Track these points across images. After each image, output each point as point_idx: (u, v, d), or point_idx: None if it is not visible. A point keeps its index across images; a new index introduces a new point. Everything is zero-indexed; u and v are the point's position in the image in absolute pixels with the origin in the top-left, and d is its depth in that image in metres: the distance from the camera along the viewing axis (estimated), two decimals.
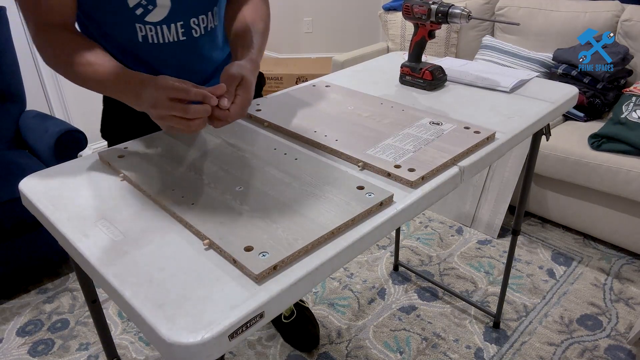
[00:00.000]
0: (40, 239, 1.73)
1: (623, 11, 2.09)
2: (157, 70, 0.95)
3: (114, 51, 0.93)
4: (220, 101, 0.71)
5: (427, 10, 1.02)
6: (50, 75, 2.48)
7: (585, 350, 1.47)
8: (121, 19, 0.87)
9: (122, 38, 0.90)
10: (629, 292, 1.70)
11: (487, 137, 0.84)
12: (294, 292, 0.55)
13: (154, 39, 0.90)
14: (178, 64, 0.96)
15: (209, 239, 0.60)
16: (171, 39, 0.92)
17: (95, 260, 0.59)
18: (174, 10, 0.89)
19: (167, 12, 0.88)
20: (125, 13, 0.86)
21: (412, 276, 1.81)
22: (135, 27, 0.88)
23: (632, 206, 1.77)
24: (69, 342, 1.57)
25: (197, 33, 0.94)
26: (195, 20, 0.92)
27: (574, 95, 1.09)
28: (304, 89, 1.10)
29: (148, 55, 0.93)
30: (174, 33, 0.91)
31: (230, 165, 0.77)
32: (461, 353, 1.48)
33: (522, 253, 1.92)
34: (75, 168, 0.81)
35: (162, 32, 0.90)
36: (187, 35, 0.93)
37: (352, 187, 0.70)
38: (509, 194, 1.96)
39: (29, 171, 0.79)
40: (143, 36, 0.89)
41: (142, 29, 0.88)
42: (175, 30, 0.91)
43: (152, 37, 0.90)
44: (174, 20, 0.90)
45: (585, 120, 2.07)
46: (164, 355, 0.49)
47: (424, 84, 1.10)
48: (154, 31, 0.89)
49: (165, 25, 0.89)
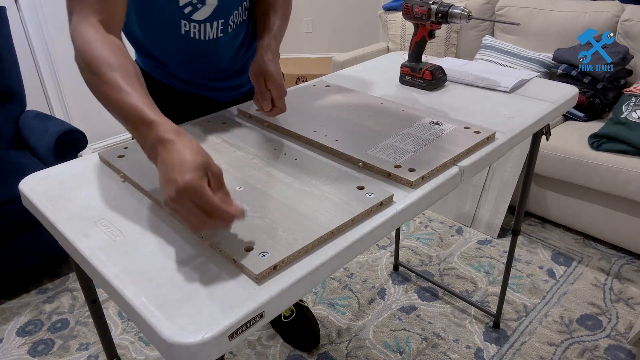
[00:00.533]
0: (40, 239, 1.73)
1: (623, 11, 2.09)
2: (190, 62, 1.01)
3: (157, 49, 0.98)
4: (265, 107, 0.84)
5: (427, 10, 1.02)
6: (50, 75, 2.48)
7: (585, 350, 1.47)
8: (168, 15, 0.90)
9: (164, 34, 0.93)
10: (629, 292, 1.70)
11: (487, 137, 0.84)
12: (294, 292, 0.55)
13: (196, 35, 0.94)
14: (211, 57, 1.01)
15: (209, 239, 0.60)
16: (211, 35, 0.96)
17: (95, 260, 0.59)
18: (218, 9, 0.93)
19: (212, 10, 0.92)
20: (173, 10, 0.89)
21: (412, 276, 1.81)
22: (181, 23, 0.91)
23: (632, 206, 1.77)
24: (69, 342, 1.57)
25: (231, 29, 0.99)
26: (232, 17, 0.97)
27: (574, 95, 1.09)
28: (304, 89, 1.10)
29: (189, 50, 0.98)
30: (215, 30, 0.96)
31: (230, 165, 0.77)
32: (461, 353, 1.48)
33: (522, 253, 1.92)
34: (75, 168, 0.81)
35: (205, 30, 0.94)
36: (224, 32, 0.98)
37: (352, 187, 0.70)
38: (509, 194, 1.96)
39: (29, 171, 0.79)
40: (186, 31, 0.93)
41: (187, 25, 0.92)
42: (217, 27, 0.95)
43: (195, 34, 0.94)
44: (217, 18, 0.94)
45: (585, 120, 2.07)
46: (164, 355, 0.49)
47: (424, 84, 1.10)
48: (197, 28, 0.93)
49: (209, 23, 0.93)
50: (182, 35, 0.93)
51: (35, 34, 2.35)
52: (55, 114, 2.53)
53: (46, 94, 2.49)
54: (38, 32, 2.36)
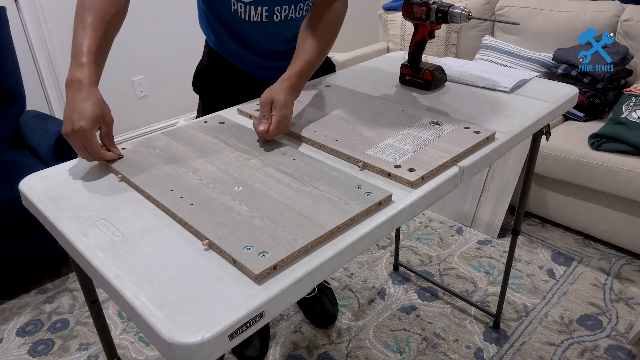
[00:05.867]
0: (40, 239, 1.73)
1: (623, 11, 2.09)
2: (243, 40, 1.14)
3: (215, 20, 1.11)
4: (260, 127, 0.83)
5: (427, 10, 1.02)
6: (50, 75, 2.48)
7: (585, 350, 1.47)
8: None
9: (220, 8, 1.07)
10: (629, 292, 1.70)
11: (487, 137, 0.84)
12: (294, 291, 0.55)
13: (242, 15, 1.05)
14: (260, 39, 1.13)
15: (209, 239, 0.60)
16: (256, 18, 1.06)
17: (95, 260, 0.59)
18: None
19: None
20: None
21: (412, 276, 1.81)
22: (231, 2, 1.03)
23: (632, 206, 1.77)
24: (69, 342, 1.57)
25: (277, 18, 1.07)
26: (279, 8, 1.05)
27: (574, 95, 1.09)
28: (304, 89, 1.10)
29: (237, 26, 1.10)
30: (259, 14, 1.05)
31: (229, 166, 0.77)
32: (461, 353, 1.48)
33: (522, 253, 1.92)
34: (75, 168, 0.81)
35: (249, 12, 1.04)
36: (269, 19, 1.07)
37: (351, 186, 0.70)
38: (509, 194, 1.96)
39: (29, 171, 0.79)
40: (235, 10, 1.04)
41: (235, 4, 1.03)
42: (261, 12, 1.05)
43: (242, 14, 1.05)
44: (262, 4, 1.03)
45: (585, 120, 2.07)
46: (164, 355, 0.49)
47: (424, 84, 1.10)
48: (243, 8, 1.04)
49: (254, 6, 1.03)
50: (232, 13, 1.05)
51: (35, 34, 2.35)
52: (55, 114, 2.52)
53: (46, 94, 2.49)
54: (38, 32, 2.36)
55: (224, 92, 1.22)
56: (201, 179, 0.73)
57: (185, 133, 0.90)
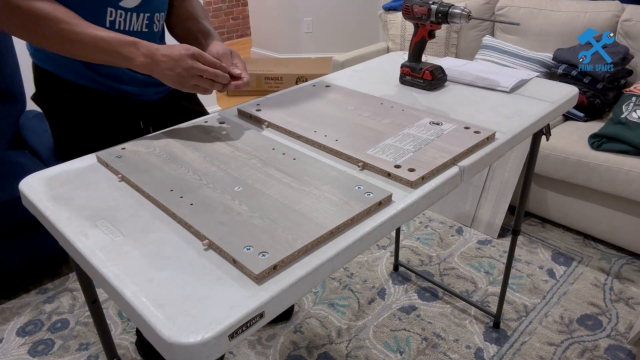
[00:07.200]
0: (40, 239, 1.73)
1: (623, 11, 2.09)
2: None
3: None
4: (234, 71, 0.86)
5: (427, 10, 1.02)
6: None
7: (585, 350, 1.47)
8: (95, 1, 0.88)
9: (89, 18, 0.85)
10: (629, 292, 1.70)
11: (487, 137, 0.84)
12: (294, 291, 0.55)
13: (121, 25, 0.93)
14: None
15: (209, 239, 0.60)
16: (137, 28, 0.96)
17: (95, 260, 0.59)
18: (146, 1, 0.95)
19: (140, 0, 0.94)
20: None
21: (412, 276, 1.81)
22: (107, 11, 0.90)
23: (632, 206, 1.77)
24: (69, 342, 1.57)
25: (156, 28, 1.01)
26: (158, 15, 1.00)
27: (574, 95, 1.09)
28: (304, 89, 1.10)
29: None
30: (140, 23, 0.96)
31: (229, 166, 0.77)
32: (461, 353, 1.48)
33: (522, 253, 1.92)
34: (75, 168, 0.81)
35: (131, 20, 0.94)
36: (149, 28, 0.99)
37: (351, 186, 0.70)
38: (509, 194, 1.96)
39: (29, 171, 0.79)
40: (111, 21, 0.91)
41: (113, 13, 0.91)
42: (142, 20, 0.97)
43: (120, 23, 0.93)
44: (144, 11, 0.95)
45: (585, 120, 2.07)
46: (164, 355, 0.49)
47: (424, 84, 1.10)
48: (123, 17, 0.92)
49: (136, 13, 0.94)
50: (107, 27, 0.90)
51: None
52: None
53: None
54: None
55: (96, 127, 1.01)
56: (201, 179, 0.73)
57: (185, 133, 0.90)
